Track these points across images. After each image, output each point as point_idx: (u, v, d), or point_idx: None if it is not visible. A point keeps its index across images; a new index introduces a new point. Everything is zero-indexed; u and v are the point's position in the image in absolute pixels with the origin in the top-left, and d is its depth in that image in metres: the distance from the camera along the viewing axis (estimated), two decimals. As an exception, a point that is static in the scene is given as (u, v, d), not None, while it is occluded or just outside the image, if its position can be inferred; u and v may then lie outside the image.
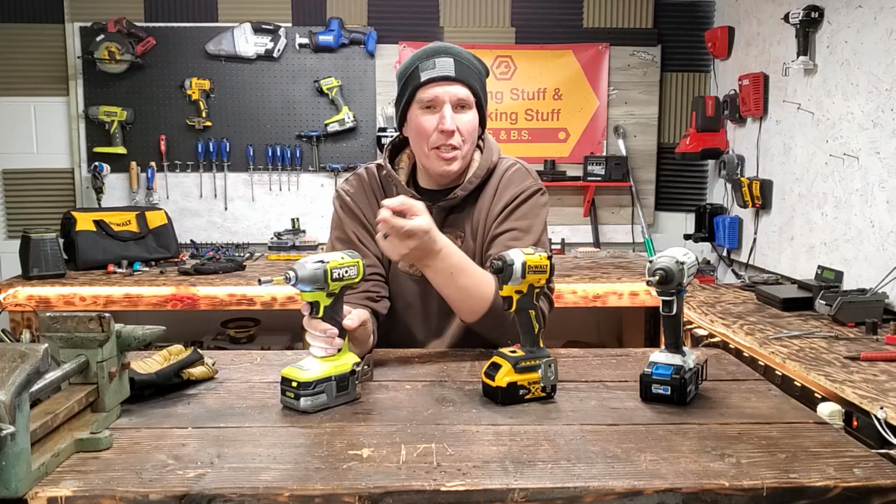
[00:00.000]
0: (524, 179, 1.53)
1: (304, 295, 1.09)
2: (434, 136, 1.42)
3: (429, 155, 1.45)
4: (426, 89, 1.42)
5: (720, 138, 3.68)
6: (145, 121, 3.86)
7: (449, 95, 1.42)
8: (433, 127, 1.42)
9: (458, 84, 1.42)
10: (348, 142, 3.94)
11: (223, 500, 0.81)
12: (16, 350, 0.82)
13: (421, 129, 1.44)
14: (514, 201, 1.50)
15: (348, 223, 1.53)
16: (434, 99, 1.41)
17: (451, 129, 1.41)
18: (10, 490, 0.78)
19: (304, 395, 1.07)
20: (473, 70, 1.46)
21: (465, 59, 1.46)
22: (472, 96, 1.45)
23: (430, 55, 1.43)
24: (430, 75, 1.41)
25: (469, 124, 1.45)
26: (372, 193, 1.56)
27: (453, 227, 1.53)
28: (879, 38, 2.53)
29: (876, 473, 0.87)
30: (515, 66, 3.97)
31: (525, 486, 0.83)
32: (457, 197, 1.50)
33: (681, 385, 1.10)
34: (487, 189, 1.54)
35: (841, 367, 1.87)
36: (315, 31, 3.85)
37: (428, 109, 1.43)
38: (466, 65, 1.45)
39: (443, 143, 1.43)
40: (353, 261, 1.12)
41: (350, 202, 1.54)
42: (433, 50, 1.44)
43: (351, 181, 1.59)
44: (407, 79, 1.45)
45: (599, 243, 4.08)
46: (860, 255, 2.61)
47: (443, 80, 1.41)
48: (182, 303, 3.16)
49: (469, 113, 1.45)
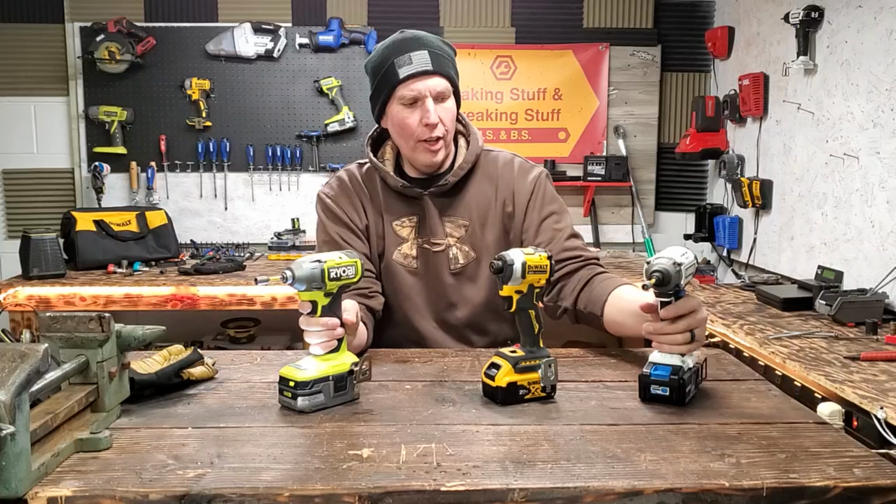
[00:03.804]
0: (531, 165, 1.59)
1: (301, 294, 1.10)
2: (419, 130, 1.44)
3: (415, 148, 1.47)
4: (405, 86, 1.41)
5: (720, 138, 3.68)
6: (145, 121, 3.86)
7: (429, 90, 1.42)
8: (417, 122, 1.43)
9: (436, 76, 1.42)
10: (348, 142, 3.94)
11: (223, 500, 0.81)
12: (16, 350, 0.82)
13: (404, 125, 1.45)
14: (537, 186, 1.55)
15: (331, 226, 1.55)
16: (415, 95, 1.42)
17: (436, 122, 1.43)
18: (10, 490, 0.78)
19: (301, 394, 1.07)
20: (447, 58, 1.46)
21: (438, 47, 1.45)
22: (450, 86, 1.45)
23: (405, 49, 1.42)
24: (408, 71, 1.41)
25: (450, 113, 1.47)
26: (355, 194, 1.57)
27: (454, 213, 1.54)
28: (879, 38, 2.53)
29: (876, 473, 0.87)
30: (515, 66, 3.97)
31: (525, 486, 0.83)
32: (448, 183, 1.51)
33: (679, 386, 1.10)
34: (482, 175, 1.56)
35: (841, 367, 1.87)
36: (315, 31, 3.85)
37: (409, 105, 1.43)
38: (440, 54, 1.44)
39: (428, 135, 1.44)
40: (350, 260, 1.12)
41: (332, 205, 1.56)
42: (405, 43, 1.43)
43: (332, 184, 1.60)
44: (383, 74, 1.45)
45: (599, 243, 4.08)
46: (860, 255, 2.61)
47: (422, 74, 1.41)
48: (182, 303, 3.16)
49: (448, 101, 1.46)
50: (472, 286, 1.54)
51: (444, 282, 1.54)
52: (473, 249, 1.53)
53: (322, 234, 1.57)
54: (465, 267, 1.53)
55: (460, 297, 1.54)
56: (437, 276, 1.54)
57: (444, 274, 1.54)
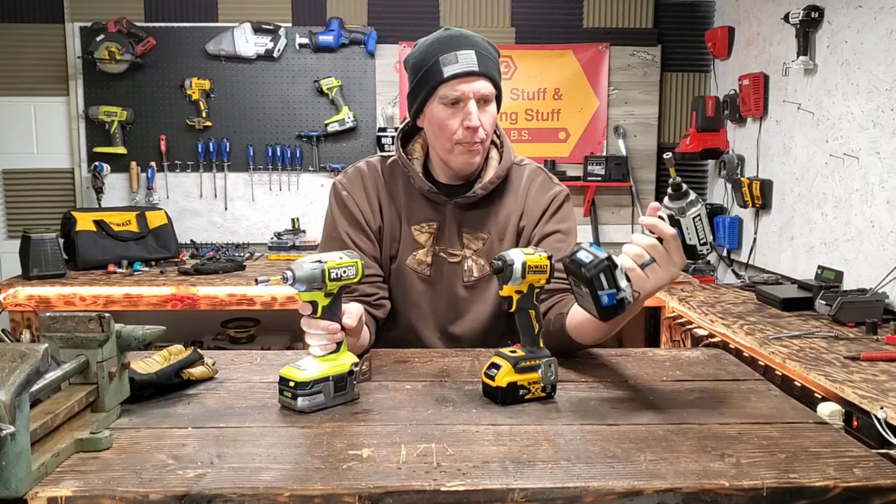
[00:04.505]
0: (553, 183, 1.54)
1: (301, 295, 1.09)
2: (459, 133, 1.38)
3: (452, 150, 1.41)
4: (450, 85, 1.36)
5: (720, 138, 3.68)
6: (145, 121, 3.86)
7: (474, 92, 1.36)
8: (458, 123, 1.38)
9: (483, 79, 1.37)
10: (348, 142, 3.94)
11: (223, 500, 0.81)
12: (16, 350, 0.82)
13: (444, 125, 1.39)
14: (552, 204, 1.50)
15: (341, 222, 1.49)
16: (459, 96, 1.36)
17: (478, 125, 1.37)
18: (10, 490, 0.78)
19: (301, 394, 1.07)
20: (493, 60, 1.40)
21: (485, 48, 1.40)
22: (494, 90, 1.40)
23: (451, 47, 1.36)
24: (454, 71, 1.35)
25: (492, 118, 1.41)
26: (373, 189, 1.50)
27: (475, 227, 1.50)
28: (879, 38, 2.53)
29: (876, 473, 0.87)
30: (515, 66, 3.97)
31: (525, 486, 0.83)
32: (476, 195, 1.47)
33: (601, 264, 1.05)
34: (508, 189, 1.52)
35: (841, 367, 1.87)
36: (315, 31, 3.85)
37: (451, 105, 1.37)
38: (487, 55, 1.39)
39: (469, 139, 1.39)
40: (351, 261, 1.12)
41: (346, 197, 1.49)
42: (453, 40, 1.37)
43: (350, 174, 1.53)
44: (426, 71, 1.38)
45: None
46: (860, 255, 2.61)
47: (468, 75, 1.35)
48: (182, 303, 3.16)
49: (491, 106, 1.41)
50: (482, 301, 1.51)
51: (455, 293, 1.50)
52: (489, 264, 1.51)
53: (329, 230, 1.51)
54: (478, 281, 1.50)
55: (469, 311, 1.51)
56: (449, 286, 1.50)
57: (456, 286, 1.50)
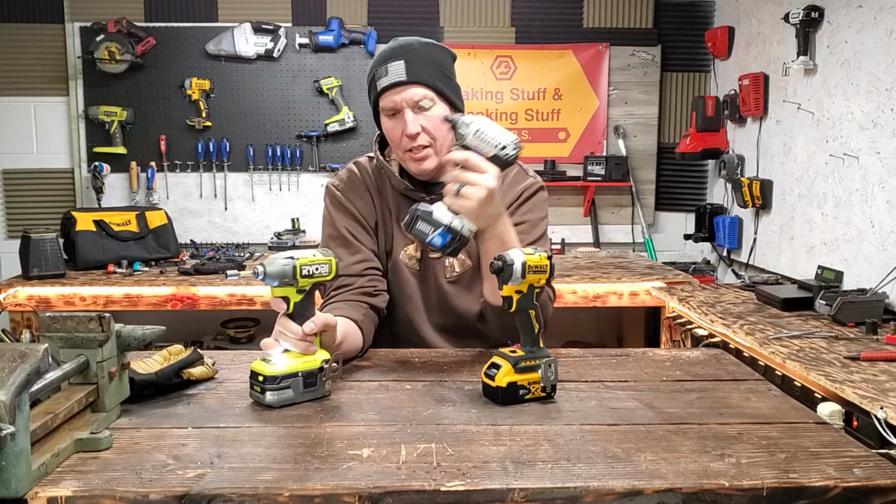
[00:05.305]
0: (526, 176, 1.57)
1: (273, 290, 1.12)
2: (403, 141, 1.43)
3: (403, 158, 1.47)
4: (385, 97, 1.42)
5: (720, 138, 3.68)
6: (145, 121, 3.86)
7: (405, 100, 1.41)
8: (400, 132, 1.43)
9: (413, 86, 1.41)
10: (348, 142, 3.94)
11: (223, 500, 0.81)
12: (16, 350, 0.82)
13: (390, 135, 1.46)
14: (522, 195, 1.53)
15: (340, 219, 1.53)
16: (393, 106, 1.42)
17: (415, 132, 1.41)
18: (10, 490, 0.78)
19: (269, 388, 1.08)
20: (428, 65, 1.44)
21: (418, 56, 1.43)
22: (430, 93, 1.43)
23: (384, 60, 1.43)
24: (384, 83, 1.41)
25: (434, 120, 1.44)
26: (364, 187, 1.55)
27: None
28: (879, 38, 2.53)
29: (876, 473, 0.87)
30: (515, 66, 3.97)
31: (525, 486, 0.83)
32: None
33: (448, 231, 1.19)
34: None
35: (841, 367, 1.87)
36: (315, 31, 3.85)
37: (392, 116, 1.44)
38: (419, 62, 1.43)
39: (412, 145, 1.43)
40: (325, 258, 1.13)
41: (341, 197, 1.54)
42: (387, 54, 1.44)
43: (342, 175, 1.59)
44: (370, 86, 1.47)
45: (599, 243, 4.08)
46: (860, 255, 2.61)
47: (396, 85, 1.41)
48: (182, 303, 3.16)
49: (433, 109, 1.44)
50: (469, 295, 1.53)
51: (442, 288, 1.53)
52: (470, 258, 1.52)
53: (329, 228, 1.54)
54: (461, 275, 1.53)
55: (457, 304, 1.53)
56: (437, 281, 1.53)
57: (442, 281, 1.53)
